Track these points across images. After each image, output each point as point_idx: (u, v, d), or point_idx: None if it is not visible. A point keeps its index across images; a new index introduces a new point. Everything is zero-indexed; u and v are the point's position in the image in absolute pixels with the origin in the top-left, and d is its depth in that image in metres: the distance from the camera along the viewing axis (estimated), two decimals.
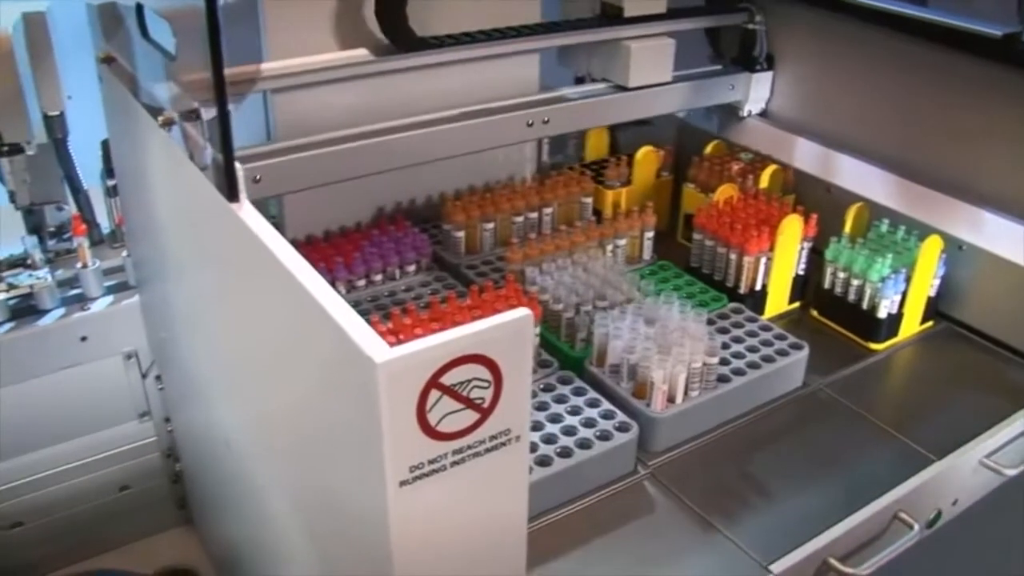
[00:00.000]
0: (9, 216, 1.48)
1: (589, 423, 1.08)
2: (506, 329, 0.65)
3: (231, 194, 0.82)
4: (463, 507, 0.72)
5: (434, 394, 0.64)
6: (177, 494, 1.67)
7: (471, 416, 0.67)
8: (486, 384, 0.66)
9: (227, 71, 0.78)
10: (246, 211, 0.82)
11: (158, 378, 1.52)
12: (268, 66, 1.19)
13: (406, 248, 1.35)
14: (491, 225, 1.40)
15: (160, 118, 0.97)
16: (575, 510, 1.04)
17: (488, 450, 0.69)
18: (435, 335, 0.63)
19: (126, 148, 1.26)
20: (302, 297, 0.71)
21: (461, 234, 1.40)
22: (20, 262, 1.46)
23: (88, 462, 1.56)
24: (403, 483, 0.66)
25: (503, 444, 0.70)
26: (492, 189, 1.47)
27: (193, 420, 1.40)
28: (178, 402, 1.48)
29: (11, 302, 1.43)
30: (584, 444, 1.05)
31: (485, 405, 0.67)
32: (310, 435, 0.81)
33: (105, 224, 1.58)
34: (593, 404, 1.11)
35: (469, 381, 0.65)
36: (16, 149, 1.36)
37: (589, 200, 1.48)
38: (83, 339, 1.45)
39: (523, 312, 0.66)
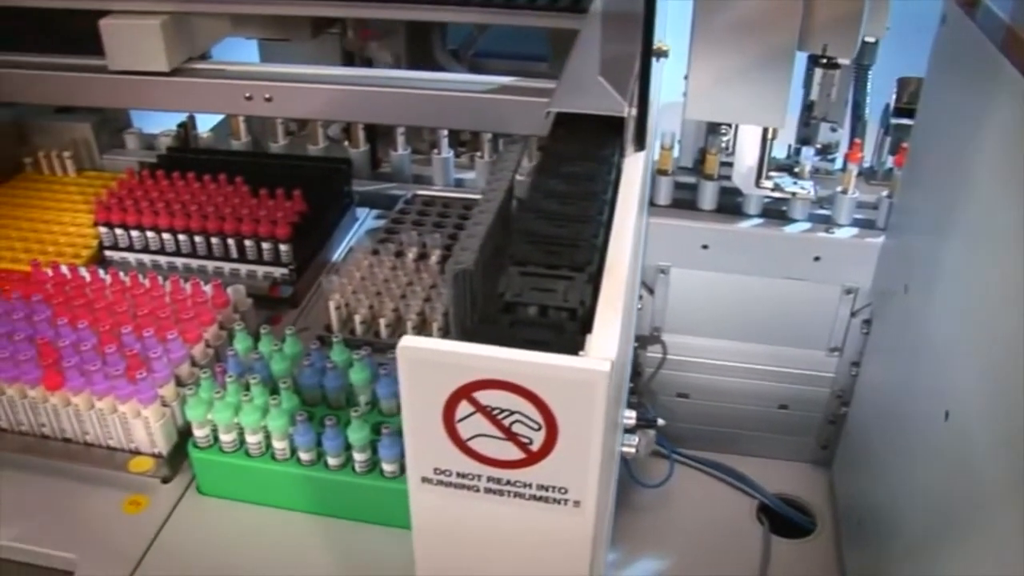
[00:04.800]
0: None
1: None
2: None
3: None
4: None
5: None
6: (825, 433, 1.68)
7: None
8: None
9: None
10: None
11: (866, 322, 1.52)
12: None
13: None
14: None
15: None
16: None
17: None
18: None
19: (955, 98, 1.23)
20: None
21: None
22: (786, 167, 1.52)
23: (763, 369, 1.62)
24: None
25: None
26: None
27: (893, 376, 1.38)
28: (881, 353, 1.46)
29: (764, 200, 1.50)
30: None
31: None
32: None
33: (867, 159, 1.58)
34: None
35: None
36: (833, 65, 1.39)
37: None
38: (816, 259, 1.48)
39: None
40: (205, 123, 1.78)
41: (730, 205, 1.52)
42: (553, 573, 0.72)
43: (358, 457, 1.05)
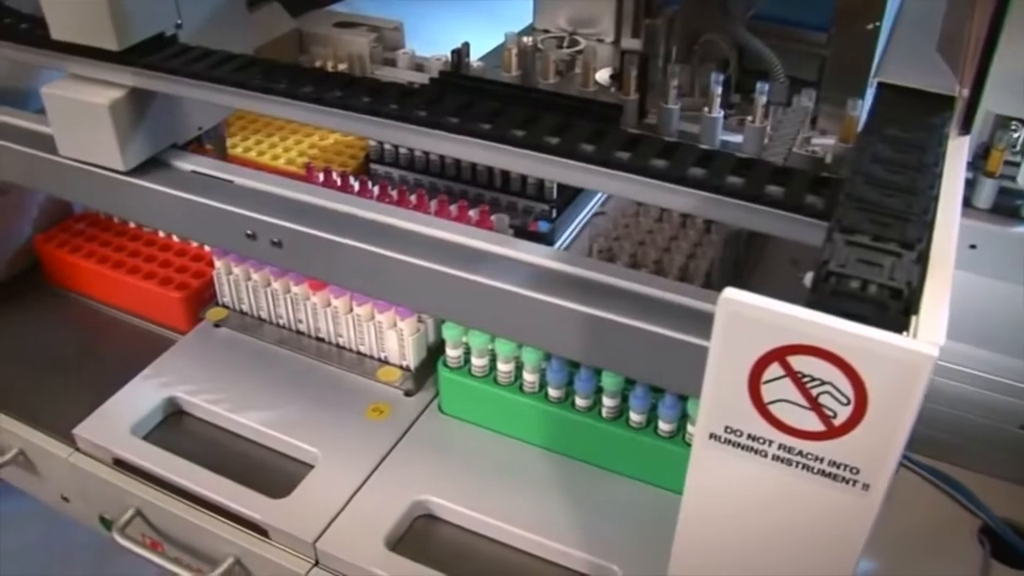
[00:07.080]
0: None
1: None
2: None
3: None
4: None
5: None
6: None
7: None
8: None
9: None
10: None
11: None
12: None
13: None
14: None
15: None
16: None
17: None
18: None
19: None
20: None
21: None
22: None
23: (1009, 384, 1.52)
24: None
25: None
26: None
27: None
28: None
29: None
30: None
31: None
32: None
33: None
34: None
35: None
36: None
37: None
38: None
39: None
40: (478, 51, 1.79)
41: (1007, 206, 1.43)
42: (822, 553, 0.71)
43: (608, 403, 1.05)
